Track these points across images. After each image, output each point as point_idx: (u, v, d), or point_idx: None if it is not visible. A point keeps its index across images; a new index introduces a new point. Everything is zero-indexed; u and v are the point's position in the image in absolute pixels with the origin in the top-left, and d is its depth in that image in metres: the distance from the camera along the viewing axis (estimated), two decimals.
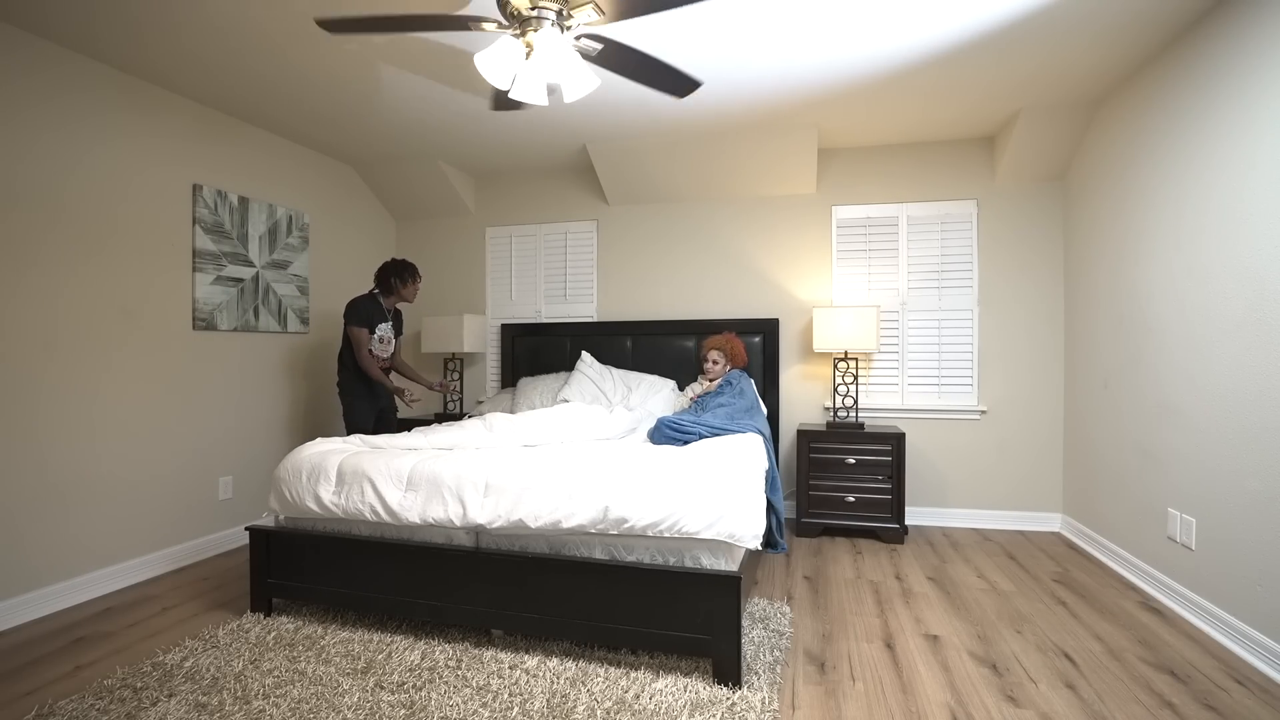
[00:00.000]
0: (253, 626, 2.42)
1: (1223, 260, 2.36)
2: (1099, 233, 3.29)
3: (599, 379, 3.89)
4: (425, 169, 4.26)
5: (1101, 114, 3.26)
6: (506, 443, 2.76)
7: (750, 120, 3.50)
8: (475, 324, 4.35)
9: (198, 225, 3.23)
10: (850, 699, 1.96)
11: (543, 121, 3.55)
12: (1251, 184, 2.21)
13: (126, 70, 2.88)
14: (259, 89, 3.09)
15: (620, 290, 4.40)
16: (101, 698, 1.93)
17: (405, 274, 3.52)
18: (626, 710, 1.86)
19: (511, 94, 2.04)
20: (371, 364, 3.39)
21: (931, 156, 3.90)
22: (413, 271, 3.55)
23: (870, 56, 2.77)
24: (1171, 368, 2.67)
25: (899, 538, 3.51)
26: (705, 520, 2.02)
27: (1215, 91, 2.40)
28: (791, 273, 4.11)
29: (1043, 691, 1.99)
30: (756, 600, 2.66)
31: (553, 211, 4.52)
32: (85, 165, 2.76)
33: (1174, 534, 2.63)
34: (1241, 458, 2.26)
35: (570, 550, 2.22)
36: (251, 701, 1.91)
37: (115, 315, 2.89)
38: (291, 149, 3.85)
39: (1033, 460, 3.78)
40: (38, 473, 2.60)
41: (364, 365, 3.38)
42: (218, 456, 3.40)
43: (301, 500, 2.46)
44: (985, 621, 2.50)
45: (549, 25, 1.93)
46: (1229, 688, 2.01)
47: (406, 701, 1.91)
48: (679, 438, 2.81)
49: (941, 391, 3.90)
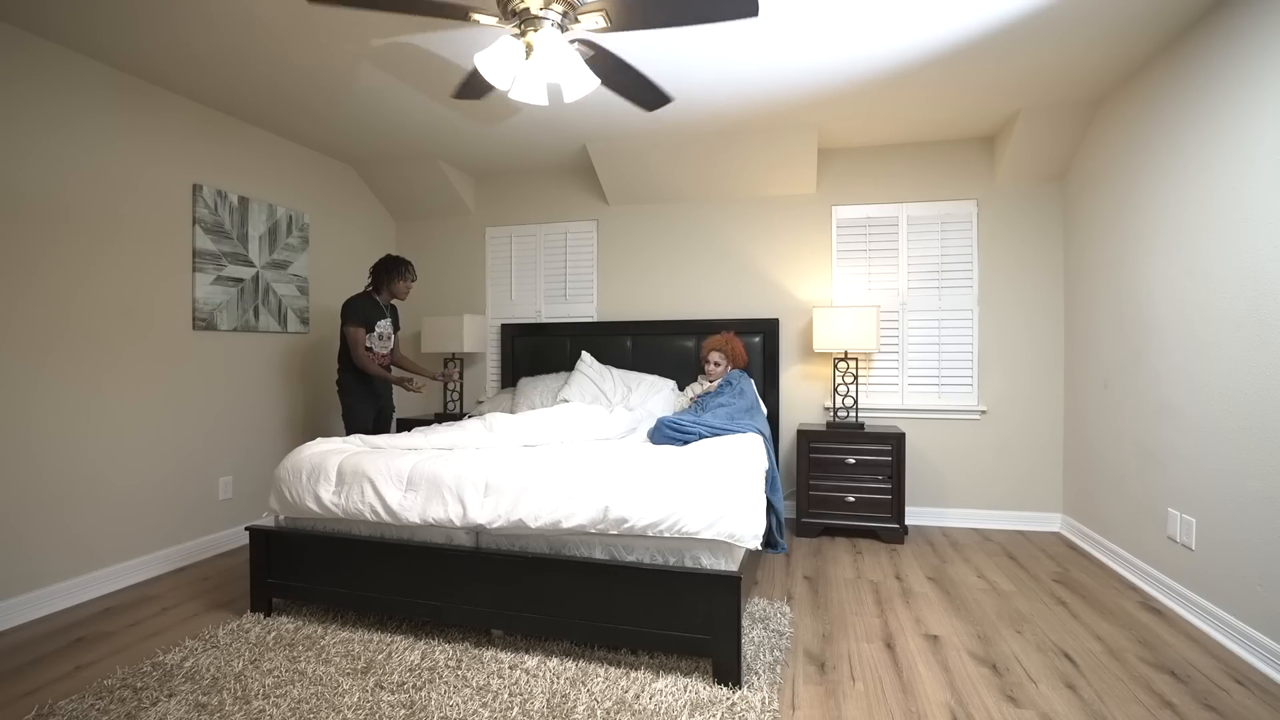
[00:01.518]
0: (253, 626, 2.42)
1: (1223, 260, 2.36)
2: (1099, 233, 3.29)
3: (599, 379, 3.89)
4: (425, 169, 4.26)
5: (1101, 114, 3.26)
6: (506, 443, 2.76)
7: (750, 120, 3.50)
8: (475, 324, 4.35)
9: (198, 225, 3.23)
10: (850, 699, 1.96)
11: (543, 121, 3.55)
12: (1251, 184, 2.21)
13: (126, 70, 2.87)
14: (259, 88, 3.09)
15: (620, 290, 4.40)
16: (101, 698, 1.93)
17: (395, 270, 3.51)
18: (626, 710, 1.86)
19: (511, 94, 2.04)
20: (369, 361, 3.39)
21: (931, 156, 3.90)
22: (404, 267, 3.54)
23: (870, 56, 2.77)
24: (1171, 368, 2.67)
25: (899, 538, 3.51)
26: (705, 520, 2.02)
27: (1215, 91, 2.40)
28: (791, 273, 4.11)
29: (1043, 691, 1.99)
30: (756, 600, 2.66)
31: (553, 211, 4.52)
32: (85, 165, 2.76)
33: (1174, 534, 2.62)
34: (1241, 458, 2.26)
35: (570, 550, 2.21)
36: (251, 701, 1.91)
37: (115, 315, 2.89)
38: (291, 149, 3.85)
39: (1033, 460, 3.78)
40: (37, 473, 2.60)
41: (361, 363, 3.38)
42: (218, 456, 3.40)
43: (301, 500, 2.46)
44: (985, 621, 2.50)
45: (549, 26, 1.93)
46: (1229, 688, 2.01)
47: (406, 701, 1.91)
48: (679, 438, 2.81)
49: (941, 391, 3.90)
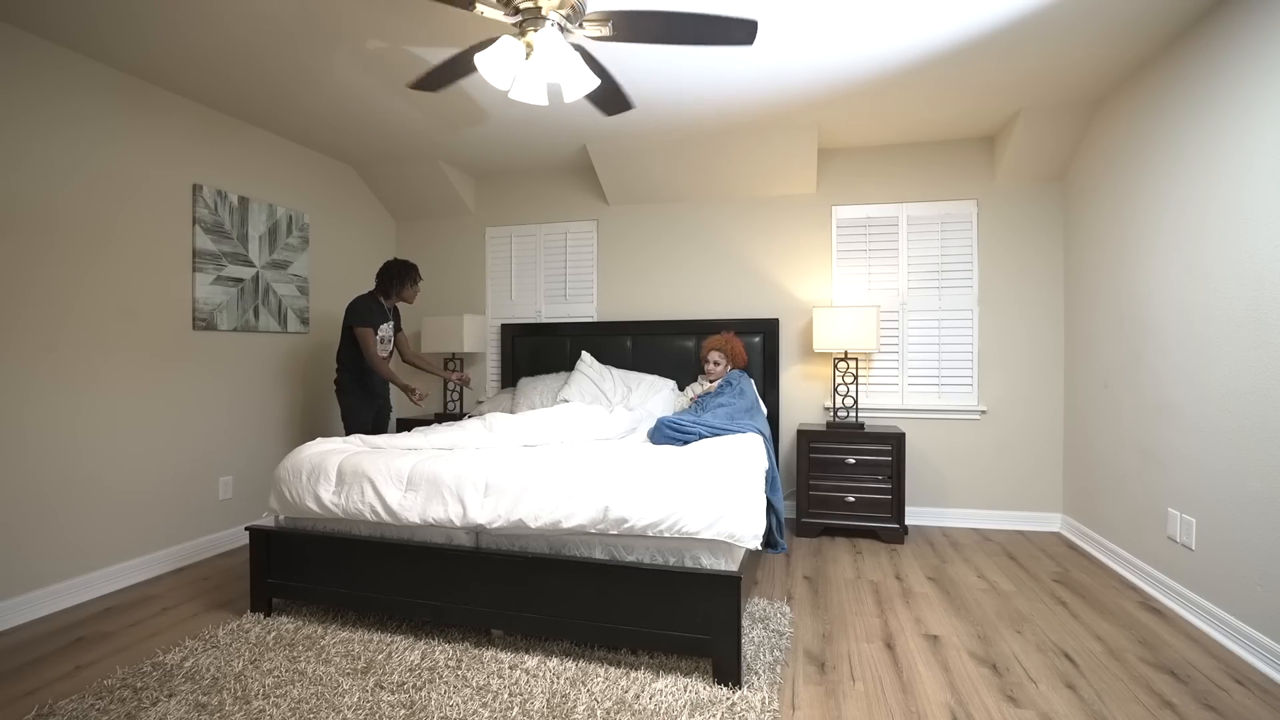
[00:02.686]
0: (253, 626, 2.42)
1: (1223, 260, 2.36)
2: (1099, 233, 3.29)
3: (599, 379, 3.89)
4: (425, 169, 4.26)
5: (1101, 114, 3.26)
6: (506, 443, 2.76)
7: (750, 120, 3.50)
8: (475, 324, 4.35)
9: (198, 225, 3.23)
10: (850, 699, 1.96)
11: (543, 121, 3.55)
12: (1251, 184, 2.21)
13: (127, 70, 2.87)
14: (260, 88, 3.09)
15: (620, 290, 4.40)
16: (101, 698, 1.93)
17: (407, 275, 3.53)
18: (626, 710, 1.86)
19: (511, 94, 2.04)
20: (382, 363, 3.39)
21: (931, 156, 3.90)
22: (415, 273, 3.56)
23: (870, 56, 2.77)
24: (1171, 367, 2.67)
25: (899, 538, 3.51)
26: (705, 520, 2.02)
27: (1215, 91, 2.40)
28: (791, 273, 4.11)
29: (1043, 691, 1.99)
30: (756, 600, 2.66)
31: (553, 211, 4.52)
32: (86, 165, 2.76)
33: (1174, 534, 2.62)
34: (1241, 458, 2.26)
35: (570, 550, 2.21)
36: (251, 701, 1.91)
37: (116, 315, 2.89)
38: (291, 149, 3.85)
39: (1033, 460, 3.78)
40: (37, 473, 2.60)
41: (374, 365, 3.37)
42: (218, 456, 3.40)
43: (301, 500, 2.46)
44: (985, 621, 2.50)
45: (550, 25, 1.93)
46: (1229, 688, 2.01)
47: (406, 701, 1.91)
48: (679, 438, 2.81)
49: (941, 391, 3.90)
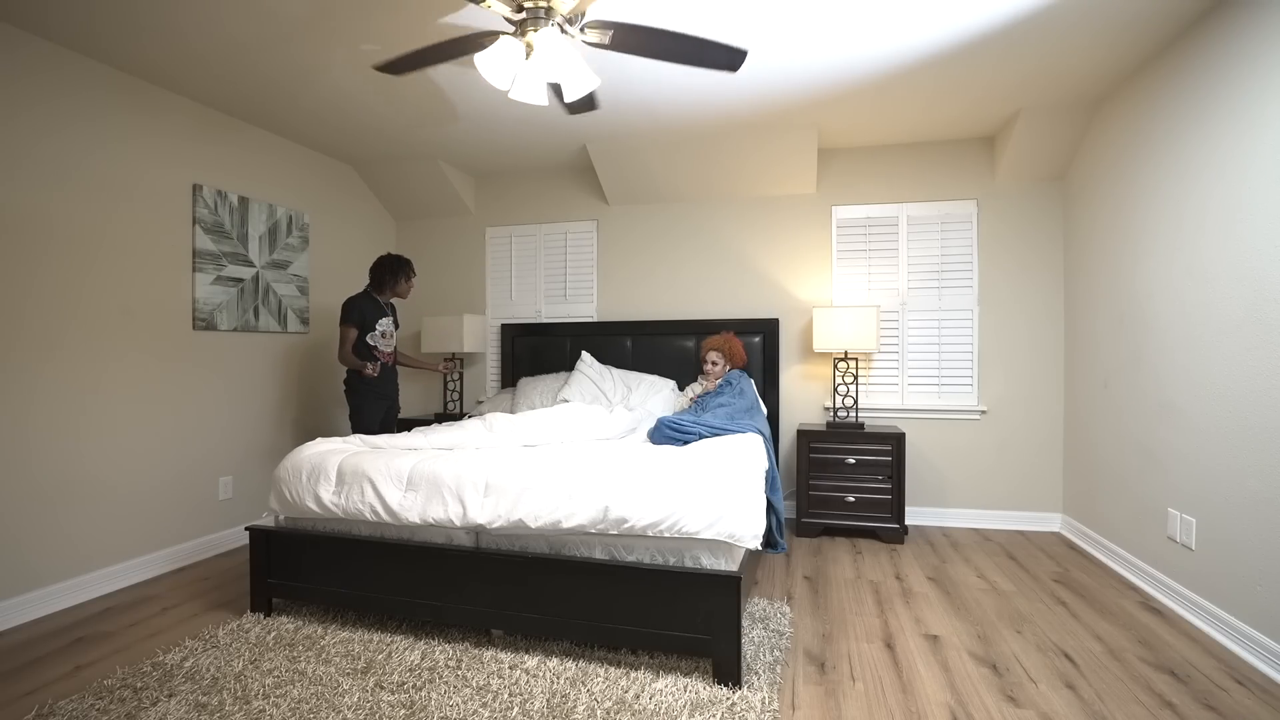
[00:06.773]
0: (253, 626, 2.42)
1: (1223, 260, 2.36)
2: (1099, 233, 3.29)
3: (599, 379, 3.89)
4: (425, 169, 4.26)
5: (1101, 114, 3.26)
6: (506, 443, 2.76)
7: (750, 120, 3.50)
8: (475, 324, 4.35)
9: (198, 225, 3.23)
10: (850, 699, 1.96)
11: (543, 121, 3.55)
12: (1251, 184, 2.21)
13: (126, 70, 2.87)
14: (259, 88, 3.09)
15: (620, 290, 4.40)
16: (101, 698, 1.93)
17: (400, 270, 3.53)
18: (626, 710, 1.85)
19: (511, 94, 2.04)
20: (351, 359, 3.40)
21: (931, 156, 3.89)
22: (407, 268, 3.56)
23: (870, 56, 2.77)
24: (1171, 367, 2.67)
25: (899, 538, 3.51)
26: (705, 520, 2.02)
27: (1215, 91, 2.40)
28: (791, 273, 4.11)
29: (1043, 691, 1.99)
30: (756, 600, 2.66)
31: (553, 211, 4.52)
32: (85, 165, 2.75)
33: (1174, 534, 2.62)
34: (1241, 458, 2.26)
35: (570, 550, 2.21)
36: (251, 701, 1.91)
37: (115, 315, 2.89)
38: (291, 149, 3.85)
39: (1033, 460, 3.78)
40: (38, 473, 2.60)
41: (343, 360, 3.40)
42: (218, 456, 3.39)
43: (301, 500, 2.46)
44: (985, 621, 2.50)
45: (551, 26, 1.92)
46: (1229, 688, 2.01)
47: (406, 701, 1.91)
48: (679, 438, 2.81)
49: (941, 391, 3.90)
